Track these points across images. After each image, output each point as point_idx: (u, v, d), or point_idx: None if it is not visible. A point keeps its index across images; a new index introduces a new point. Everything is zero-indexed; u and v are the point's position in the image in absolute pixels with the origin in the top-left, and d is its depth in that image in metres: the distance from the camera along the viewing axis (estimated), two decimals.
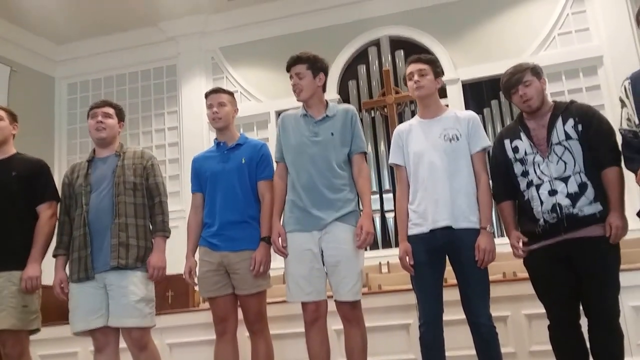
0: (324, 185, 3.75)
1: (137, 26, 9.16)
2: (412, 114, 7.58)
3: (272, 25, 8.96)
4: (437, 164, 3.66)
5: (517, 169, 3.60)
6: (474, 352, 3.56)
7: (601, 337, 3.37)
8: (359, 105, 8.47)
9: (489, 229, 3.62)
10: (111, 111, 4.11)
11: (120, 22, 9.01)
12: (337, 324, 3.95)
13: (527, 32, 8.15)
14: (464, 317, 3.60)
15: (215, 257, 3.95)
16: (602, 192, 3.42)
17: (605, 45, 7.81)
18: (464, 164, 3.71)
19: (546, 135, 3.53)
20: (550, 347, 3.55)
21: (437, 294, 3.63)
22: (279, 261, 3.91)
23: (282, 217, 3.91)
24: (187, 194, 4.37)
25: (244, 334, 4.09)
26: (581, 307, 3.48)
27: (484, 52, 8.21)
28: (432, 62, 3.89)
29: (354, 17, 8.76)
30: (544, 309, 3.59)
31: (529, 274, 3.67)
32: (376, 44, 8.72)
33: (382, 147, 8.16)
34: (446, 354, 3.61)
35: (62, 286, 3.90)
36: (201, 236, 4.07)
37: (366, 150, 3.97)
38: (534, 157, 3.52)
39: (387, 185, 8.01)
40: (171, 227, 4.06)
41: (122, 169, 3.95)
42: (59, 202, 4.16)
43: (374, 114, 8.47)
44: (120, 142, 4.17)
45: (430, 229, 3.61)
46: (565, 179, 3.43)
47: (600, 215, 3.37)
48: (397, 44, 8.63)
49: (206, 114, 4.25)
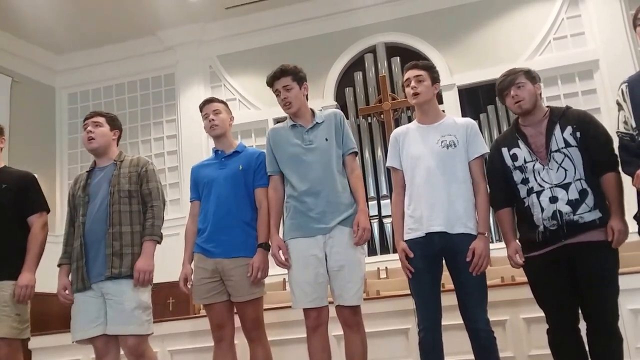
0: (326, 189, 3.77)
1: (136, 36, 9.20)
2: (409, 120, 7.61)
3: (269, 33, 9.00)
4: (434, 169, 3.67)
5: (517, 176, 3.59)
6: (472, 357, 3.56)
7: (600, 340, 3.37)
8: (356, 111, 8.51)
9: (487, 235, 3.64)
10: (101, 120, 4.10)
11: (118, 32, 9.05)
12: (337, 330, 3.97)
13: (522, 37, 8.17)
14: (462, 321, 3.60)
15: (209, 263, 3.95)
16: (602, 199, 3.43)
17: (600, 49, 7.82)
18: (461, 170, 3.71)
19: (545, 142, 3.53)
20: (549, 351, 3.55)
21: (435, 298, 3.63)
22: (278, 268, 3.91)
23: (280, 227, 3.93)
24: (187, 201, 4.39)
25: (244, 340, 4.09)
26: (580, 311, 3.47)
27: (479, 57, 8.24)
28: (429, 68, 3.88)
29: (350, 25, 8.80)
30: (542, 313, 3.59)
31: (527, 278, 3.66)
32: (372, 50, 8.76)
33: (379, 153, 8.18)
34: (445, 359, 3.62)
35: (67, 292, 3.92)
36: (195, 242, 4.07)
37: (356, 149, 3.99)
38: (534, 165, 3.51)
39: (384, 191, 8.01)
40: (172, 234, 4.09)
41: (118, 177, 3.96)
42: (49, 212, 4.23)
43: (371, 120, 8.49)
44: (120, 150, 4.18)
45: (425, 233, 3.61)
46: (565, 186, 3.43)
47: (599, 221, 3.38)
48: (393, 50, 8.66)
49: (203, 126, 4.26)
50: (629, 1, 7.79)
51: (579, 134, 3.49)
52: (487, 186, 3.75)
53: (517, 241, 3.63)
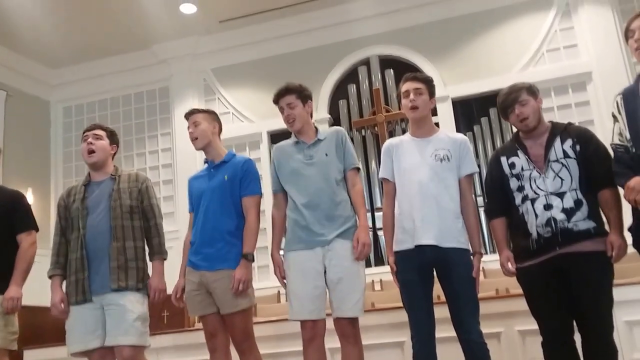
0: (325, 202, 3.80)
1: (130, 49, 9.22)
2: (403, 132, 7.61)
3: (262, 46, 9.02)
4: (427, 182, 3.68)
5: (513, 184, 3.61)
6: None
7: (595, 352, 3.37)
8: (350, 124, 8.51)
9: (482, 252, 3.73)
10: (101, 133, 4.15)
11: (113, 45, 9.07)
12: (332, 342, 3.98)
13: (515, 49, 8.18)
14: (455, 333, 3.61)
15: (196, 276, 3.94)
16: (596, 211, 3.45)
17: (593, 61, 7.83)
18: (453, 184, 3.73)
19: (544, 152, 3.56)
20: None
21: (428, 310, 3.63)
22: (272, 280, 3.91)
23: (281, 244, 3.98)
24: (181, 214, 4.41)
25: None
26: (575, 323, 3.48)
27: (473, 69, 8.26)
28: (427, 82, 3.90)
29: (344, 37, 8.82)
30: (537, 326, 3.58)
31: (522, 289, 3.67)
32: (366, 63, 8.78)
33: (373, 165, 8.18)
34: None
35: (63, 305, 3.91)
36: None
37: (359, 166, 4.03)
38: (531, 173, 3.53)
39: (378, 203, 8.00)
40: (166, 247, 4.09)
41: (118, 192, 3.99)
42: (37, 231, 4.27)
43: (365, 133, 8.50)
44: (115, 165, 4.20)
45: (415, 245, 3.62)
46: (561, 195, 3.44)
47: (594, 231, 3.39)
48: (386, 63, 8.68)
49: None
50: (621, 13, 7.83)
51: (578, 148, 3.52)
52: (479, 201, 3.77)
53: (509, 250, 3.65)
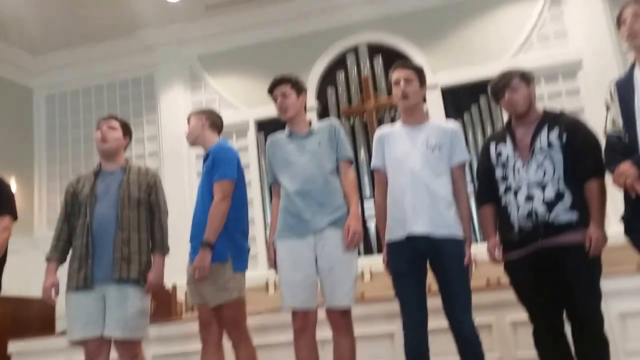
0: (316, 190, 3.82)
1: (114, 36, 9.06)
2: (392, 120, 7.58)
3: (250, 32, 8.91)
4: (418, 171, 3.68)
5: (498, 172, 3.65)
6: (458, 359, 3.57)
7: (585, 344, 3.40)
8: (338, 111, 8.46)
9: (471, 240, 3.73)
10: (115, 124, 4.25)
11: (96, 32, 8.92)
12: (323, 334, 3.96)
13: (505, 37, 8.14)
14: (448, 324, 3.61)
15: (190, 268, 3.99)
16: (581, 201, 3.46)
17: (584, 48, 7.79)
18: (445, 173, 3.74)
19: (530, 142, 3.56)
20: (536, 353, 3.58)
21: (420, 300, 3.64)
22: (260, 270, 3.91)
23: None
24: (169, 202, 4.38)
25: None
26: (565, 314, 3.50)
27: (462, 57, 8.20)
28: (418, 70, 3.90)
29: (331, 24, 8.73)
30: (528, 315, 3.62)
31: (510, 282, 3.71)
32: (354, 50, 8.70)
33: (362, 154, 8.13)
34: None
35: (53, 290, 3.98)
36: None
37: (352, 157, 4.04)
38: (515, 162, 3.56)
39: (367, 192, 7.96)
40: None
41: (128, 183, 4.09)
42: (15, 218, 4.43)
43: (354, 121, 8.45)
44: (125, 157, 4.30)
45: (407, 236, 3.62)
46: (542, 186, 3.46)
47: (576, 223, 3.41)
48: (375, 50, 8.60)
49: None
50: (611, 0, 7.76)
51: (565, 137, 3.53)
52: (475, 183, 3.78)
53: (497, 237, 3.69)
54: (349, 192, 3.90)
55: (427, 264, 3.70)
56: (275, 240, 3.93)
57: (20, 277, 4.13)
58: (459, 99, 8.20)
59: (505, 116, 3.83)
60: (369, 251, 7.79)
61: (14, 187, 6.43)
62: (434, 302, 3.69)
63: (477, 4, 8.35)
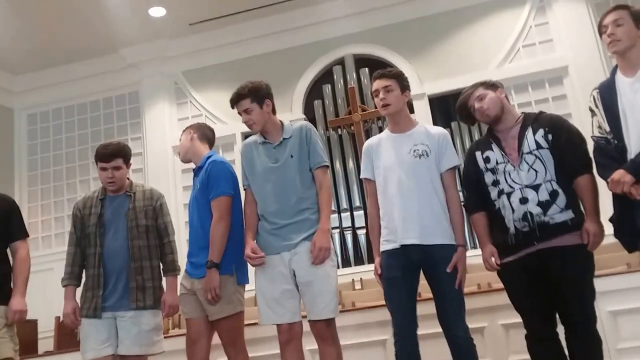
0: (290, 208, 3.75)
1: (97, 54, 9.04)
2: (380, 130, 7.55)
3: (234, 48, 8.92)
4: (406, 180, 3.65)
5: (488, 178, 3.60)
6: None
7: (579, 344, 3.37)
8: (325, 124, 8.44)
9: (465, 247, 3.67)
10: (120, 163, 4.10)
11: (79, 50, 8.89)
12: (311, 344, 3.91)
13: (491, 45, 8.19)
14: (439, 330, 3.57)
15: (189, 282, 3.96)
16: (574, 200, 3.45)
17: (569, 55, 7.87)
18: (434, 180, 3.69)
19: (517, 145, 3.55)
20: (528, 356, 3.53)
21: (411, 308, 3.60)
22: (250, 284, 3.87)
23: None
24: None
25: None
26: (558, 316, 3.47)
27: (449, 66, 8.24)
28: (397, 77, 3.86)
29: (317, 38, 8.75)
30: (520, 319, 3.58)
31: (503, 285, 3.68)
32: (340, 62, 8.71)
33: (351, 164, 8.13)
34: None
35: (75, 315, 3.98)
36: None
37: (326, 162, 3.92)
38: (505, 166, 3.54)
39: (357, 202, 7.96)
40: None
41: (134, 211, 4.06)
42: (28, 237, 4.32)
43: (341, 132, 8.43)
44: (129, 178, 4.24)
45: (400, 245, 3.58)
46: (536, 187, 3.44)
47: (572, 222, 3.39)
48: (361, 61, 8.62)
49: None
50: (595, 7, 7.88)
51: (550, 137, 3.51)
52: (461, 195, 3.74)
53: (492, 245, 3.62)
54: (322, 204, 3.79)
55: (420, 273, 3.66)
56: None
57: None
58: (447, 108, 8.20)
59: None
60: (359, 261, 7.79)
61: None
62: (425, 308, 3.66)
63: (464, 14, 8.40)
